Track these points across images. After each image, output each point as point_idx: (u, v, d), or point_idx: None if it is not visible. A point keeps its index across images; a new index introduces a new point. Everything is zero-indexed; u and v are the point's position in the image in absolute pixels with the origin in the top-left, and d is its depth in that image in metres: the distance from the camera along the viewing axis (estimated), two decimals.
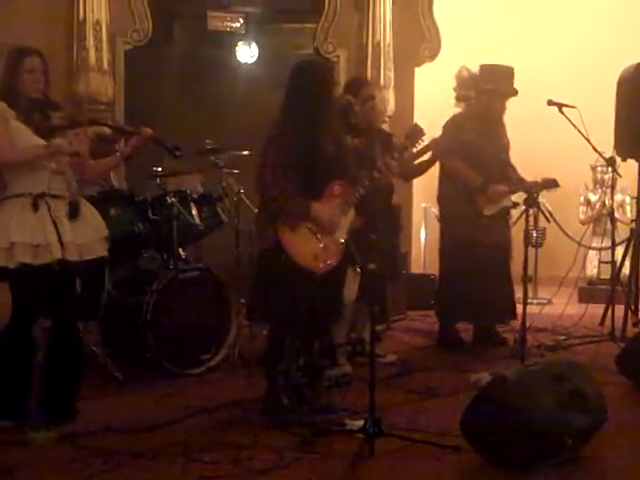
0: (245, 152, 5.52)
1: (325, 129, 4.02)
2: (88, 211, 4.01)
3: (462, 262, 5.50)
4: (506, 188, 5.50)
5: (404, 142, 4.26)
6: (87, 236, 3.94)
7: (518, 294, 5.59)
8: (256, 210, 4.54)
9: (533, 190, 5.28)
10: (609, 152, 6.11)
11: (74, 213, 3.85)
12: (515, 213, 5.61)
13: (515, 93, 5.55)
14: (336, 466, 3.43)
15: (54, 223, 3.72)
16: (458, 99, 5.66)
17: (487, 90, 5.49)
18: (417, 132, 4.26)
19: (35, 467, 3.42)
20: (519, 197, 5.58)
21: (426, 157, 5.48)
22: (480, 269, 5.44)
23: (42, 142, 3.83)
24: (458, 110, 5.68)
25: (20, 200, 3.82)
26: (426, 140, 4.57)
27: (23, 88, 3.86)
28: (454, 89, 5.64)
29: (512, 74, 5.58)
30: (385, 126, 7.12)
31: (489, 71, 5.58)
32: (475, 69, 5.67)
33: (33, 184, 3.82)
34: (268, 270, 4.07)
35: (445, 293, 5.78)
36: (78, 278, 4.07)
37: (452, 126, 5.56)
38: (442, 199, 5.76)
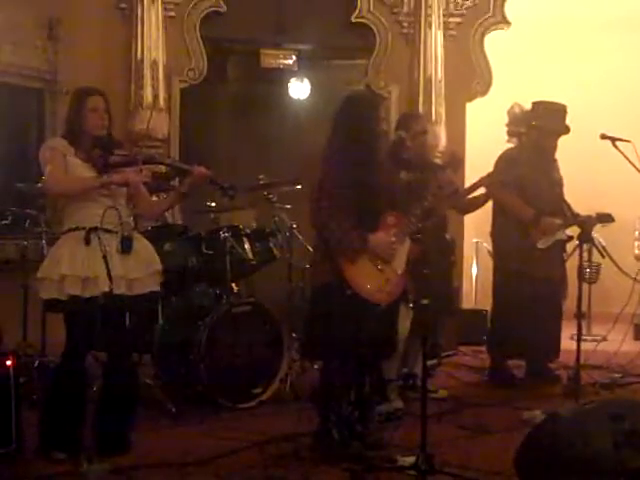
0: (297, 187, 5.57)
1: (373, 161, 4.05)
2: (141, 246, 4.07)
3: (515, 297, 5.47)
4: (560, 221, 5.47)
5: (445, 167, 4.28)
6: (138, 271, 4.00)
7: (570, 331, 5.52)
8: (309, 246, 4.57)
9: (587, 224, 5.23)
10: None
11: (127, 248, 3.92)
12: (569, 248, 5.56)
13: (567, 131, 5.54)
14: None
15: (104, 257, 3.81)
16: (510, 135, 5.66)
17: (538, 127, 5.49)
18: (456, 159, 4.32)
19: None
20: (574, 231, 5.54)
21: (480, 192, 5.47)
22: (533, 304, 5.39)
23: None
24: (510, 145, 5.68)
25: (74, 234, 3.93)
26: (479, 175, 4.57)
27: (87, 126, 3.97)
28: (506, 125, 5.65)
29: (564, 111, 5.58)
30: (437, 161, 7.14)
31: (541, 108, 5.58)
32: (527, 105, 5.67)
33: (87, 219, 3.92)
34: (327, 305, 4.01)
35: (497, 329, 5.74)
36: (128, 312, 4.12)
37: (505, 160, 5.57)
38: (495, 233, 5.75)
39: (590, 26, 8.43)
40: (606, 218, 5.55)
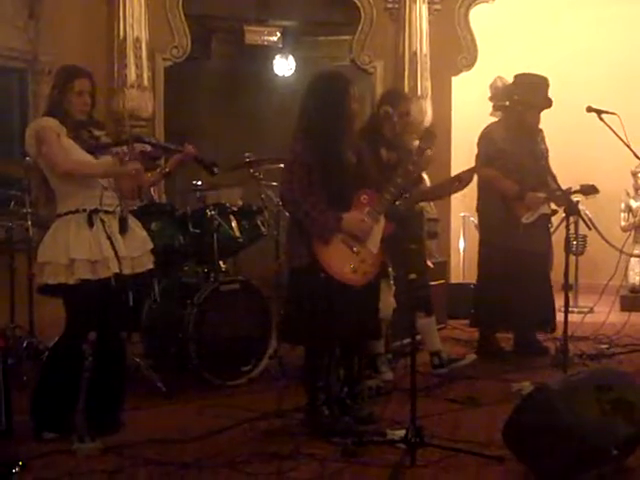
0: (283, 164, 5.55)
1: (343, 140, 4.02)
2: (135, 225, 4.08)
3: (500, 271, 5.48)
4: (544, 195, 5.47)
5: (419, 145, 4.26)
6: (138, 250, 4.03)
7: (557, 303, 5.55)
8: None
9: (566, 197, 5.23)
10: None
11: (124, 228, 3.93)
12: (555, 220, 5.58)
13: (549, 105, 5.50)
14: (378, 476, 3.43)
15: (109, 238, 3.79)
16: (495, 109, 5.65)
17: (520, 101, 5.47)
18: (430, 135, 4.31)
19: (81, 477, 3.46)
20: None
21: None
22: (519, 277, 5.41)
23: (91, 158, 3.90)
24: (494, 119, 5.67)
25: (75, 217, 3.89)
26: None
27: (70, 109, 3.92)
28: (489, 99, 5.63)
29: (547, 85, 5.55)
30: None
31: (523, 82, 5.55)
32: (510, 79, 5.66)
33: (86, 200, 3.89)
34: (304, 289, 4.00)
35: (482, 302, 5.75)
36: (131, 291, 4.13)
37: (486, 136, 5.56)
38: (481, 209, 5.76)
39: None
40: (590, 190, 5.56)
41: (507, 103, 5.55)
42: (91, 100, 3.98)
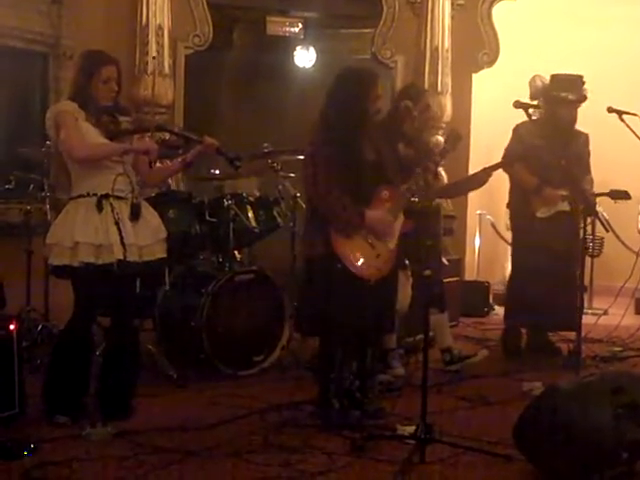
0: (301, 156, 5.55)
1: (362, 137, 4.03)
2: (148, 213, 4.07)
3: (525, 267, 5.50)
4: (564, 192, 5.44)
5: (444, 146, 4.25)
6: (148, 238, 4.01)
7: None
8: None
9: (589, 199, 5.20)
10: None
11: (136, 215, 3.91)
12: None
13: (583, 99, 5.49)
14: (386, 471, 3.43)
15: (117, 224, 3.80)
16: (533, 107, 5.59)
17: (554, 97, 5.46)
18: (455, 136, 4.34)
19: (92, 462, 3.48)
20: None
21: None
22: (541, 274, 5.38)
23: (105, 141, 3.91)
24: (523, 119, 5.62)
25: (85, 200, 3.91)
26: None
27: (96, 95, 3.93)
28: (530, 98, 5.59)
29: (581, 81, 5.56)
30: (442, 132, 7.12)
31: (560, 79, 5.55)
32: (547, 77, 5.65)
33: (98, 185, 3.90)
34: (320, 278, 4.02)
35: (508, 298, 5.82)
36: (138, 278, 4.15)
37: (515, 133, 5.56)
38: (511, 205, 5.76)
39: None
40: (621, 195, 5.51)
41: (541, 101, 5.50)
42: (117, 87, 3.99)
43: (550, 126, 5.47)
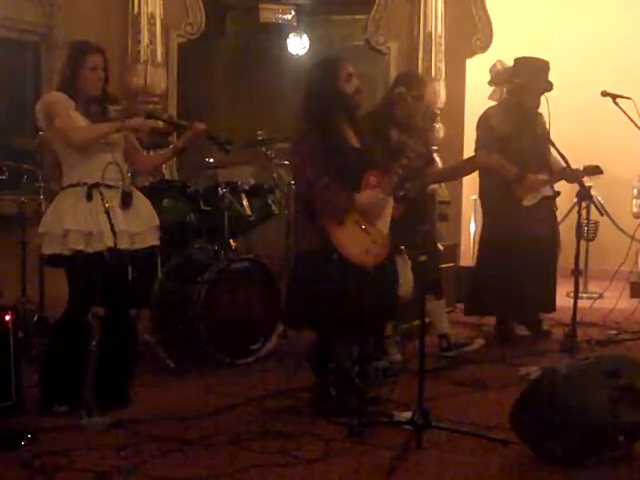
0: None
1: (343, 121, 4.02)
2: (140, 201, 4.07)
3: (502, 255, 5.41)
4: (545, 177, 5.42)
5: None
6: (139, 226, 4.01)
7: (567, 288, 5.52)
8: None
9: (574, 178, 5.17)
10: None
11: (127, 203, 3.91)
12: (566, 205, 5.54)
13: (549, 88, 5.37)
14: (384, 457, 3.44)
15: (107, 212, 3.80)
16: (493, 93, 5.57)
17: (520, 84, 5.41)
18: (430, 113, 4.28)
19: (90, 451, 3.48)
20: (562, 187, 5.52)
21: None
22: (521, 261, 5.35)
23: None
24: (492, 103, 5.59)
25: (75, 190, 3.92)
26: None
27: (84, 84, 3.94)
28: (488, 83, 5.55)
29: (547, 68, 5.43)
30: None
31: (524, 65, 5.47)
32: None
33: (88, 174, 3.90)
34: (316, 271, 3.95)
35: (476, 286, 5.70)
36: (130, 267, 4.15)
37: (484, 123, 5.49)
38: (483, 194, 5.69)
39: None
40: (594, 170, 5.49)
41: (505, 87, 5.45)
42: (104, 75, 3.99)
43: (516, 112, 5.42)
